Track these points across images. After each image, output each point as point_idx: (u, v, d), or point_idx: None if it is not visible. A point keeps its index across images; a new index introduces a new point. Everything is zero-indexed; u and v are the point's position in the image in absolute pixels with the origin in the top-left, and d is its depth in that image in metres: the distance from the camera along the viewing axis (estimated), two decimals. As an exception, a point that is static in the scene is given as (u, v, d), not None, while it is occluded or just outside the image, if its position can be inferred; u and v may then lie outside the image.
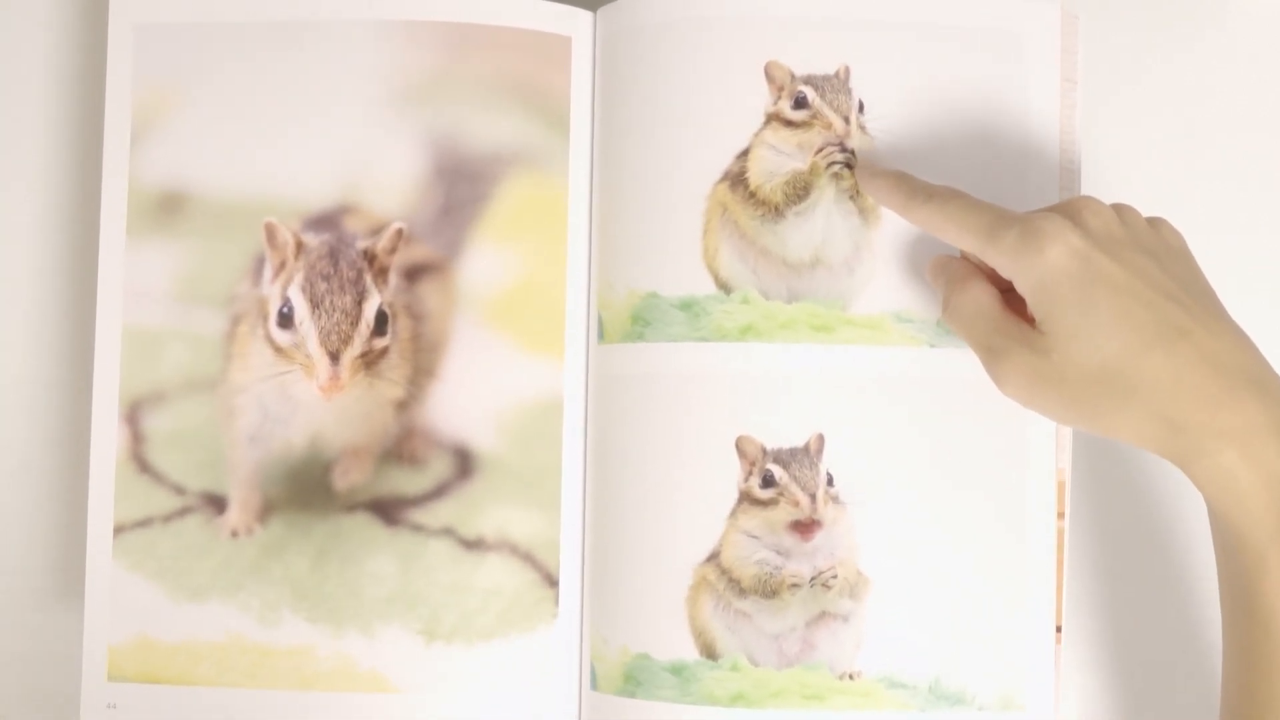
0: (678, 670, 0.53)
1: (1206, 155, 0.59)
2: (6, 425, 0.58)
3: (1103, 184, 0.58)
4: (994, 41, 0.54)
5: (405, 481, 0.55)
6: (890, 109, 0.54)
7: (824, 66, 0.54)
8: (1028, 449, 0.53)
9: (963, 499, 0.53)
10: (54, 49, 0.59)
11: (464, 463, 0.55)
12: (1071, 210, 0.47)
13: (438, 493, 0.54)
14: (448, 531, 0.54)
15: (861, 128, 0.54)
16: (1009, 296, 0.49)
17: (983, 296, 0.49)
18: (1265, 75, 0.59)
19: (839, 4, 0.54)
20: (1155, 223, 0.49)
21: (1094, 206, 0.48)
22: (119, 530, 0.54)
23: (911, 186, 0.51)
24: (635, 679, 0.53)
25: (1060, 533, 0.54)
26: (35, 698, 0.57)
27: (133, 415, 0.55)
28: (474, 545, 0.54)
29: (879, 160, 0.54)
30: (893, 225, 0.54)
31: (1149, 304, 0.45)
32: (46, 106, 0.59)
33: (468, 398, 0.55)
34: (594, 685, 0.54)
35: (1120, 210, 0.48)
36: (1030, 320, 0.47)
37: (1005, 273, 0.47)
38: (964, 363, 0.53)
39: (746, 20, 0.54)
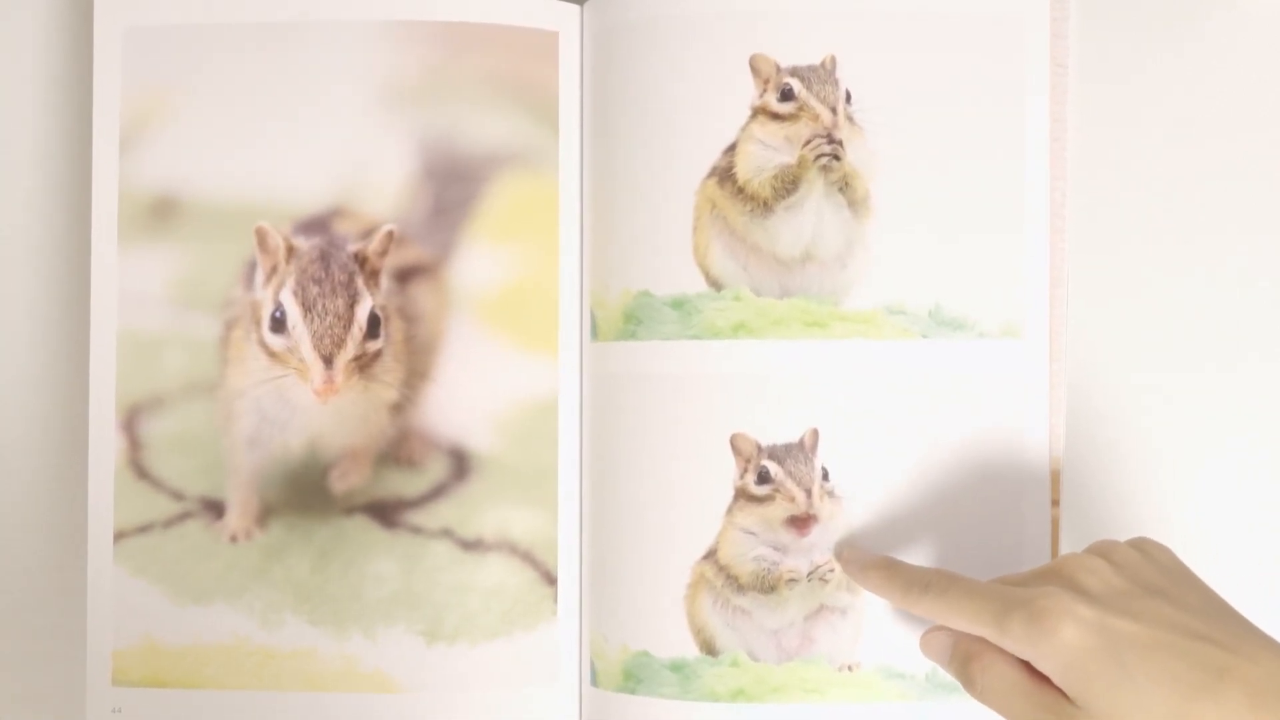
0: (678, 667, 0.54)
1: (1201, 151, 0.58)
2: (5, 432, 0.58)
3: (1098, 178, 0.58)
4: (984, 26, 0.54)
5: (403, 483, 0.55)
6: (879, 98, 0.54)
7: (810, 57, 0.54)
8: (1022, 437, 0.54)
9: (958, 490, 0.54)
10: (41, 53, 0.58)
11: (461, 463, 0.55)
12: (1065, 576, 0.46)
13: (436, 494, 0.55)
14: (446, 532, 0.54)
15: (849, 118, 0.54)
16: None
17: (1010, 671, 0.46)
18: (1262, 69, 0.59)
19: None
20: (1141, 546, 0.48)
21: (1086, 564, 0.47)
22: (120, 536, 0.54)
23: (906, 578, 0.50)
24: (636, 676, 0.54)
25: (1055, 520, 0.54)
26: (41, 703, 0.57)
27: (130, 421, 0.55)
28: (473, 546, 0.54)
29: (859, 543, 0.54)
30: (885, 217, 0.54)
31: (1180, 652, 0.43)
32: (35, 112, 0.58)
33: (463, 398, 0.55)
34: (594, 682, 0.55)
35: (1108, 553, 0.48)
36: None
37: (1023, 656, 0.46)
38: (958, 354, 0.53)
39: (731, 12, 0.54)
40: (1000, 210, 0.54)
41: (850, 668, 0.53)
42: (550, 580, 0.55)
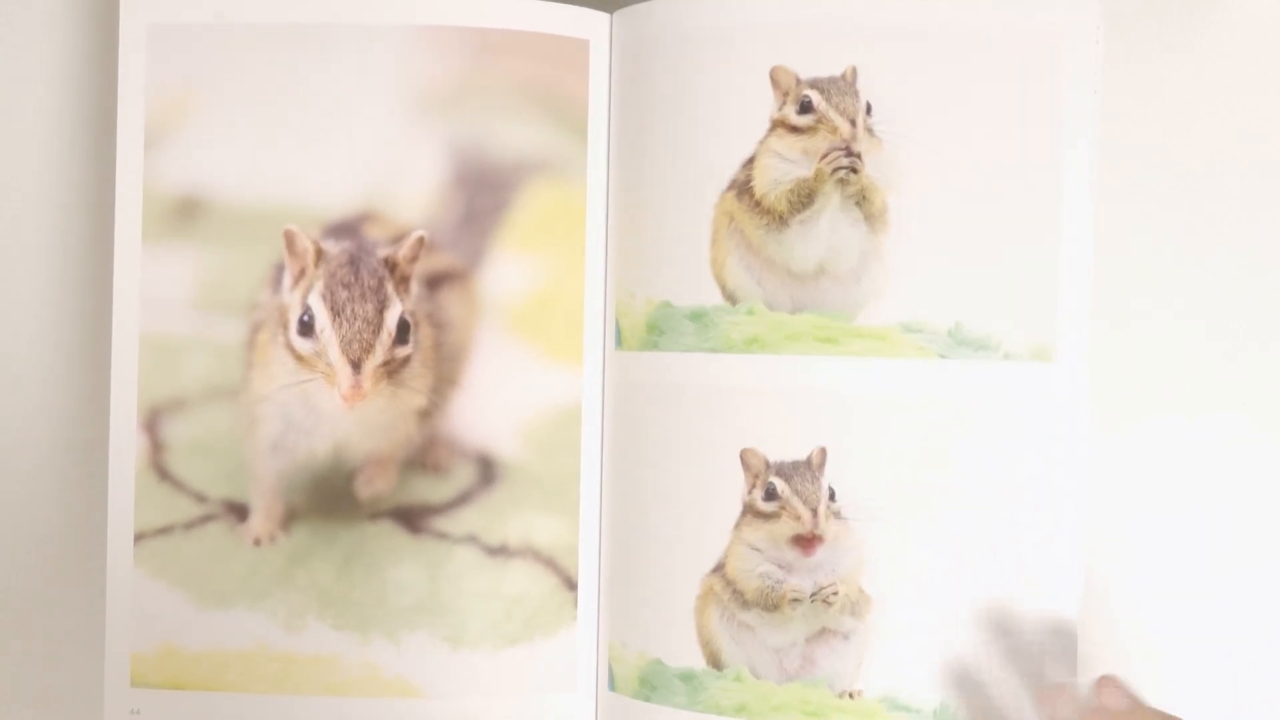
0: (687, 678, 0.54)
1: (1227, 165, 0.58)
2: (26, 432, 0.57)
3: (1120, 197, 0.57)
4: (1015, 41, 0.53)
5: (429, 490, 0.55)
6: (900, 110, 0.53)
7: (832, 68, 0.53)
8: (1053, 465, 0.53)
9: (973, 516, 0.53)
10: (65, 50, 0.56)
11: (487, 470, 0.55)
12: None
13: (461, 500, 0.55)
14: (471, 539, 0.55)
15: (869, 131, 0.53)
16: None
17: None
18: (1267, 75, 0.58)
19: (847, 5, 0.53)
20: None
21: None
22: (139, 538, 0.54)
23: None
24: (650, 683, 0.55)
25: None
26: (59, 703, 0.57)
27: (151, 423, 0.54)
28: (498, 552, 0.55)
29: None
30: (902, 232, 0.53)
31: None
32: (59, 110, 0.56)
33: (490, 405, 0.55)
34: (612, 686, 0.56)
35: None
36: None
37: None
38: (975, 375, 0.53)
39: (754, 23, 0.53)
40: (1032, 228, 0.53)
41: (852, 694, 0.53)
42: (571, 586, 0.56)
